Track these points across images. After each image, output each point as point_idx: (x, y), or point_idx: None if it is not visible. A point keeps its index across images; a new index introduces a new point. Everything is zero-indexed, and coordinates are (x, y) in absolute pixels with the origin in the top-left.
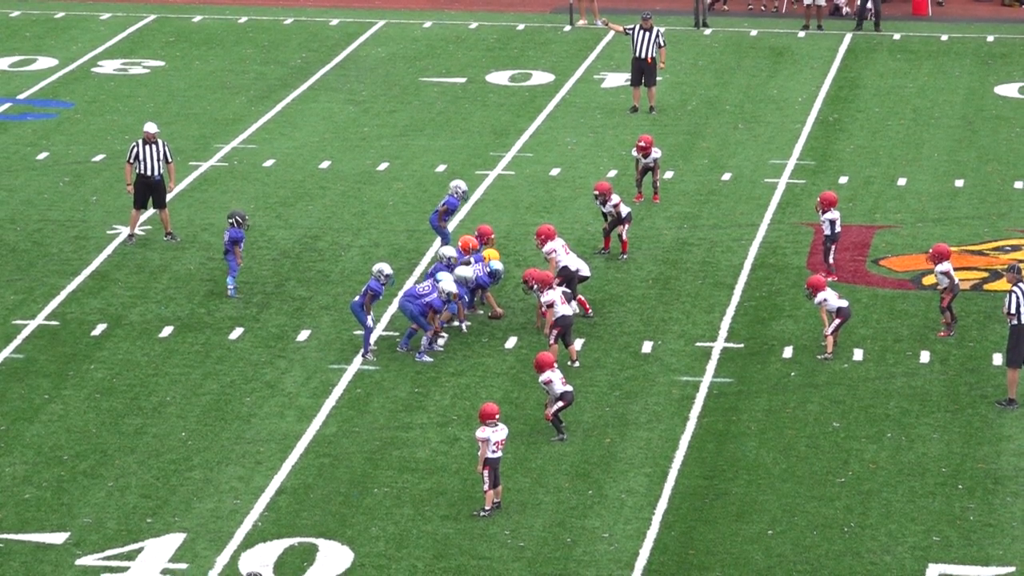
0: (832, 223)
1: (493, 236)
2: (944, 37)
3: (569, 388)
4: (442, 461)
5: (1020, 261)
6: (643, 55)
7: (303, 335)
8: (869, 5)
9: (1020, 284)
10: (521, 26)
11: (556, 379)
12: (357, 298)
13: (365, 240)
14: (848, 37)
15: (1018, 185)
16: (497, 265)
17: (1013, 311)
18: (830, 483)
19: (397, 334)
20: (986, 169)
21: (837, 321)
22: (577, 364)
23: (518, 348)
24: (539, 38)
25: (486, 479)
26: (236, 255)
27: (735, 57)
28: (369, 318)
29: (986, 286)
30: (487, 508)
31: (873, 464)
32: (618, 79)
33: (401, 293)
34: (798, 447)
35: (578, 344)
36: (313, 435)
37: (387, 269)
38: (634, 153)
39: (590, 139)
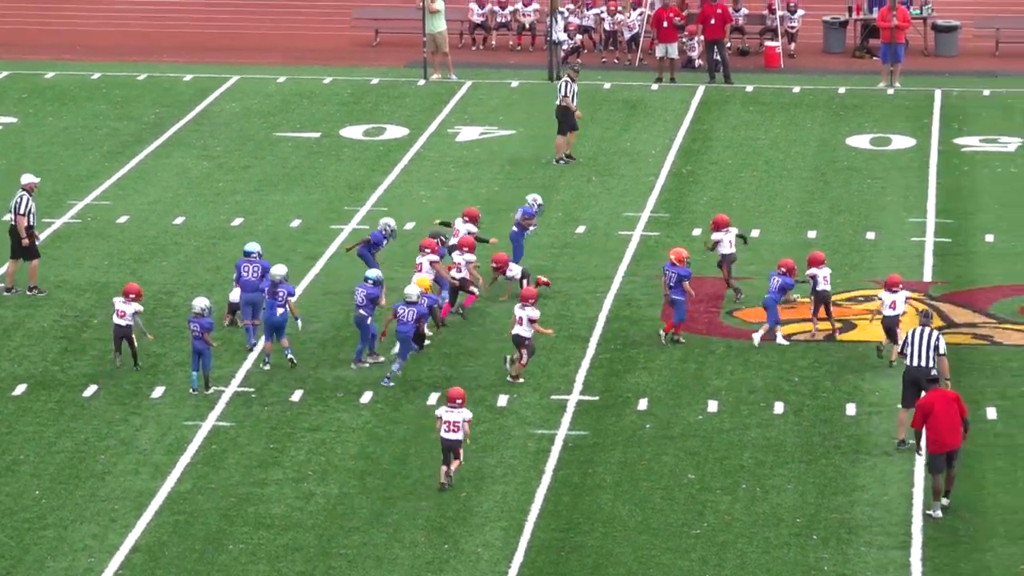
0: (815, 278)
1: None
2: (796, 89)
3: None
4: (298, 517)
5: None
6: (571, 104)
7: (158, 391)
8: (716, 57)
9: (925, 328)
10: (375, 80)
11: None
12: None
13: (220, 296)
14: (701, 89)
15: (870, 236)
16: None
17: (905, 352)
18: (685, 535)
19: (253, 390)
20: (838, 220)
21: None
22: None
23: (373, 403)
24: (393, 92)
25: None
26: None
27: (589, 110)
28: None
29: (839, 336)
30: (442, 481)
31: (728, 515)
32: (472, 133)
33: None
34: (653, 499)
35: (433, 398)
36: (168, 492)
37: (540, 198)
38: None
39: (444, 193)
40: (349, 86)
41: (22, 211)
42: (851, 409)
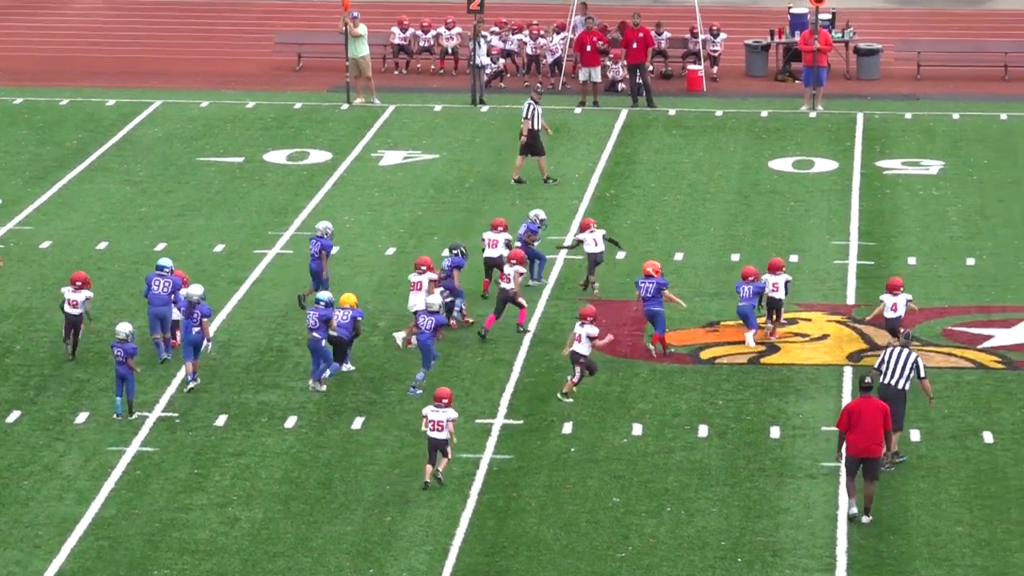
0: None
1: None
2: (719, 113)
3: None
4: (222, 542)
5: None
6: (536, 127)
7: (81, 417)
8: (639, 81)
9: (904, 348)
10: (298, 105)
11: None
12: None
13: (143, 321)
14: (624, 113)
15: (793, 259)
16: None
17: (880, 368)
18: (610, 558)
19: (177, 416)
20: (761, 243)
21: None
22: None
23: (298, 427)
24: (316, 117)
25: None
26: (454, 279)
27: (512, 134)
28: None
29: (763, 360)
30: (426, 480)
31: (653, 539)
32: (395, 157)
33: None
34: (578, 523)
35: (358, 422)
36: (92, 518)
37: (542, 214)
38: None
39: (368, 217)
40: (272, 111)
41: None
42: (775, 432)
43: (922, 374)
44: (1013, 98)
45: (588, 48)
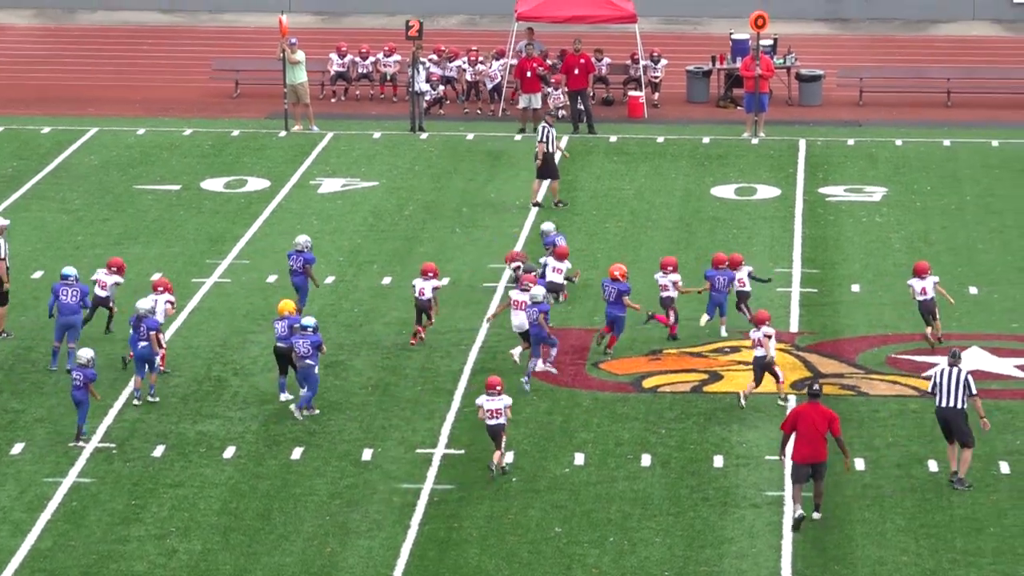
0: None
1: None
2: (660, 139)
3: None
4: (160, 574)
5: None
6: (551, 149)
7: (17, 448)
8: (580, 107)
9: (956, 367)
10: (236, 132)
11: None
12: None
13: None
14: (564, 140)
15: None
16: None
17: (934, 392)
18: None
19: (114, 446)
20: (704, 270)
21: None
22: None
23: (236, 458)
24: (254, 144)
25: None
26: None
27: (452, 161)
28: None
29: (706, 388)
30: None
31: (596, 569)
32: (334, 184)
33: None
34: (520, 553)
35: (297, 452)
36: (28, 550)
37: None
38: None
39: None
40: (210, 138)
41: (2, 255)
42: (719, 461)
43: (973, 391)
44: (956, 124)
45: (528, 74)
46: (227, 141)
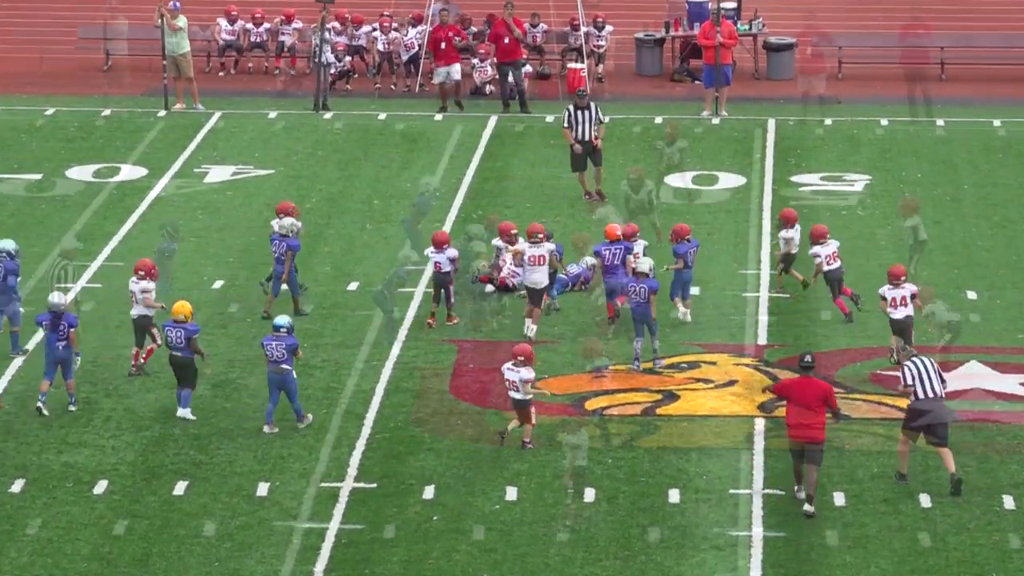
0: (788, 241)
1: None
2: (605, 119)
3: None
4: None
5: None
6: (586, 136)
7: None
8: (511, 81)
9: (913, 358)
10: (107, 112)
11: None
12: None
13: None
14: (493, 120)
15: (694, 291)
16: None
17: (910, 383)
18: None
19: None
20: (655, 272)
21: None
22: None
23: (109, 494)
24: (129, 126)
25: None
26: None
27: (361, 146)
28: None
29: (659, 410)
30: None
31: None
32: (223, 173)
33: None
34: None
35: (180, 487)
36: None
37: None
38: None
39: (192, 244)
40: (76, 119)
41: None
42: (674, 496)
43: (943, 379)
44: (951, 101)
45: (443, 45)
46: (96, 122)
